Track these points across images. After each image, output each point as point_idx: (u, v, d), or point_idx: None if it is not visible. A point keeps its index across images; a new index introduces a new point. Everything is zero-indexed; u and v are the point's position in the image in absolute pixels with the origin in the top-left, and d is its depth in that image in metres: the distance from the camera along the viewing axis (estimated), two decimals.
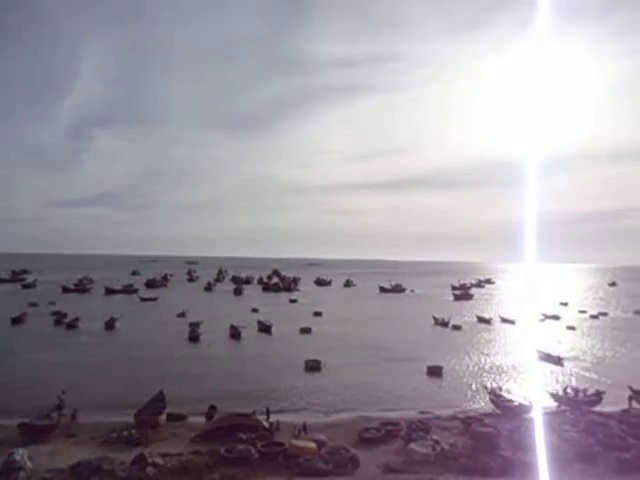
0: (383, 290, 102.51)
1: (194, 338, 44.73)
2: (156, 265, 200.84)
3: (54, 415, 21.44)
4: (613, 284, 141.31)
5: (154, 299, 77.43)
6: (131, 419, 21.33)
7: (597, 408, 24.88)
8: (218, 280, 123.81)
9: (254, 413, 21.43)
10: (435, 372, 33.00)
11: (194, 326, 48.15)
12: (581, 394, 26.45)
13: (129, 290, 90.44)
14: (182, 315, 57.91)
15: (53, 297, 73.44)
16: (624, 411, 23.83)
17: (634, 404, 24.98)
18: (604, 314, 68.11)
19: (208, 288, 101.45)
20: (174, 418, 22.79)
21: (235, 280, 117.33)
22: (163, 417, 22.57)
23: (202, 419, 22.37)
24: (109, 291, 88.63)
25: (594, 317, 65.35)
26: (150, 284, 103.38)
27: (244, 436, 19.28)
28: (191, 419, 22.88)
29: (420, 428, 20.42)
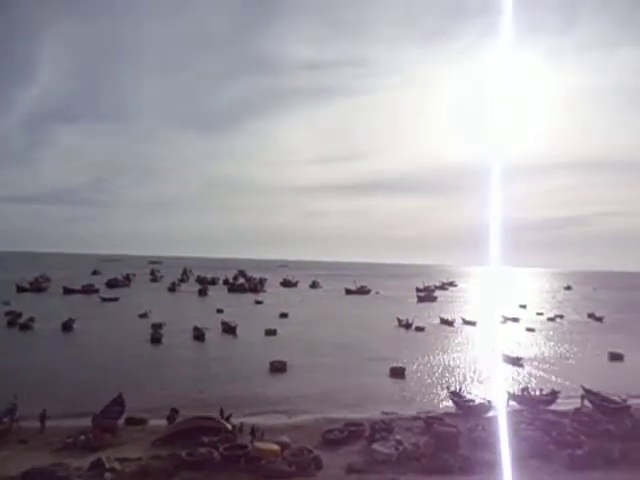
0: (349, 292, 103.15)
1: (156, 339, 43.71)
2: (118, 264, 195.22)
3: (5, 420, 20.52)
4: (568, 288, 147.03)
5: (115, 299, 75.29)
6: (88, 423, 20.65)
7: (552, 407, 25.83)
8: (182, 280, 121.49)
9: (228, 416, 21.19)
10: (398, 373, 33.44)
11: (156, 327, 47.08)
12: (537, 394, 27.42)
13: (89, 290, 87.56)
14: (144, 316, 56.53)
15: (7, 296, 70.18)
16: (577, 410, 24.79)
17: (586, 403, 26.03)
18: (560, 317, 70.75)
19: (172, 288, 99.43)
20: (134, 422, 22.21)
21: (200, 281, 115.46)
22: (122, 421, 21.97)
23: (163, 422, 21.88)
24: (68, 291, 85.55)
25: (551, 319, 67.79)
26: (112, 284, 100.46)
27: (206, 439, 18.97)
28: (152, 423, 22.35)
29: (383, 429, 20.62)
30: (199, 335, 45.81)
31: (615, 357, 41.38)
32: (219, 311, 62.68)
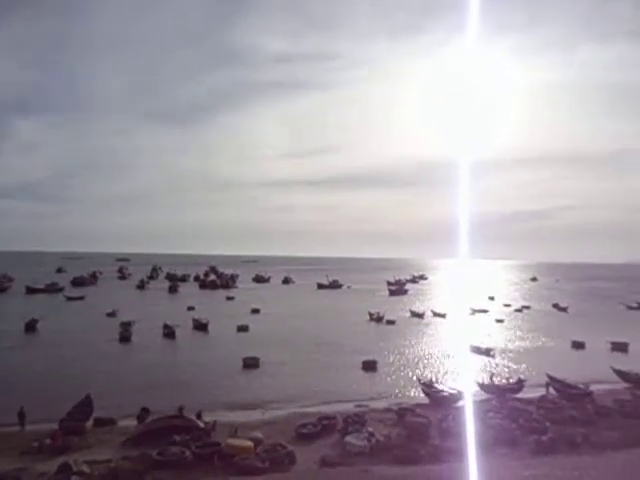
0: (321, 286, 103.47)
1: (125, 338, 42.80)
2: (83, 262, 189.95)
3: None
4: (534, 279, 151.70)
5: (81, 298, 73.27)
6: (55, 426, 20.06)
7: (519, 395, 26.62)
8: (152, 278, 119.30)
9: (198, 414, 20.95)
10: (370, 366, 33.78)
11: (125, 326, 46.08)
12: (505, 383, 28.21)
13: (53, 289, 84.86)
14: (112, 315, 55.25)
15: None
16: (542, 397, 25.61)
17: (551, 390, 26.94)
18: (527, 307, 72.88)
19: (141, 286, 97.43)
20: (102, 423, 21.69)
21: (170, 278, 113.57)
22: (90, 423, 21.43)
23: (133, 423, 21.47)
24: (30, 290, 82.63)
25: (518, 310, 69.74)
26: (77, 282, 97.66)
27: (178, 438, 18.72)
28: (121, 423, 21.90)
29: (356, 421, 20.82)
30: (169, 333, 45.09)
31: (577, 345, 42.96)
32: (190, 308, 61.84)
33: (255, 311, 61.27)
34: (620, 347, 41.23)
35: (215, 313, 56.87)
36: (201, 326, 48.88)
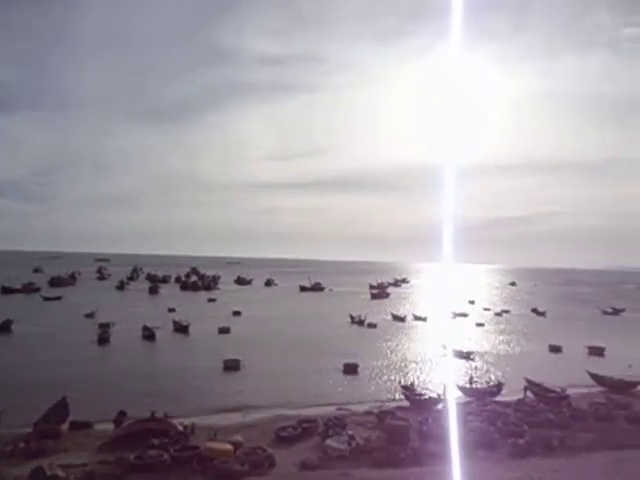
0: (303, 289, 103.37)
1: (103, 340, 42.07)
2: (61, 262, 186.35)
3: None
4: (513, 284, 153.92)
5: (58, 298, 71.87)
6: (29, 429, 19.60)
7: (498, 398, 26.96)
8: (132, 279, 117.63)
9: (165, 416, 20.61)
10: (351, 369, 33.83)
11: (104, 327, 45.33)
12: (484, 386, 28.54)
13: (30, 289, 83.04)
14: (91, 316, 54.31)
15: None
16: (520, 400, 25.96)
17: (528, 394, 27.33)
18: (506, 311, 73.79)
19: (120, 287, 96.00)
20: (78, 426, 21.25)
21: (150, 279, 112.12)
22: (66, 426, 20.99)
23: (110, 426, 21.12)
24: (6, 290, 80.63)
25: (498, 314, 70.62)
26: (55, 282, 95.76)
27: (156, 441, 18.47)
28: (98, 427, 21.47)
29: (336, 424, 20.81)
30: (149, 335, 44.50)
31: (555, 349, 43.71)
32: (170, 310, 61.08)
33: (236, 313, 60.87)
34: (597, 351, 42.10)
35: (196, 315, 56.34)
36: (182, 328, 48.36)
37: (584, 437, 20.13)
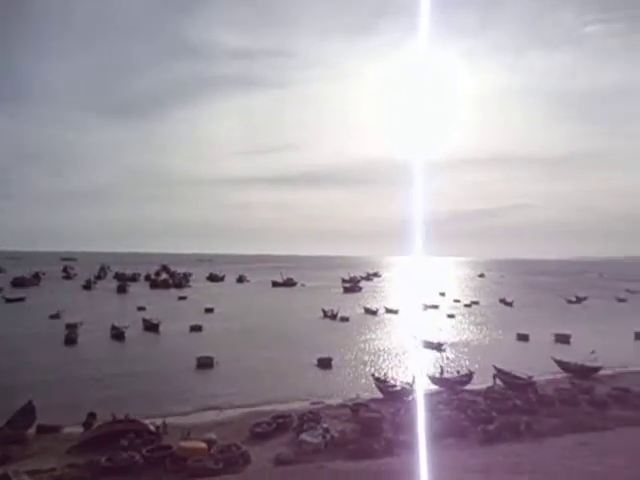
0: (275, 284, 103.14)
1: (70, 341, 40.96)
2: (24, 262, 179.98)
3: None
4: (482, 275, 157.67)
5: (21, 299, 69.48)
6: None
7: (468, 387, 27.63)
8: (99, 277, 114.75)
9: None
10: (325, 363, 34.00)
11: (71, 328, 44.11)
12: (454, 375, 29.18)
13: None
14: (56, 316, 52.72)
15: None
16: (489, 388, 26.68)
17: (497, 381, 28.11)
18: (476, 303, 75.54)
19: (87, 286, 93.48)
20: (46, 430, 20.65)
21: (119, 277, 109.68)
22: (33, 430, 20.37)
23: (80, 429, 20.60)
24: None
25: (467, 306, 72.22)
26: (18, 283, 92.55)
27: (127, 443, 18.14)
28: (66, 430, 20.92)
29: (311, 419, 20.92)
30: (118, 334, 43.55)
31: (522, 338, 45.06)
32: (140, 308, 59.97)
33: (209, 310, 60.25)
34: (563, 339, 43.64)
35: (167, 313, 55.47)
36: (152, 326, 47.53)
37: (550, 422, 20.90)
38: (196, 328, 47.24)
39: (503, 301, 77.03)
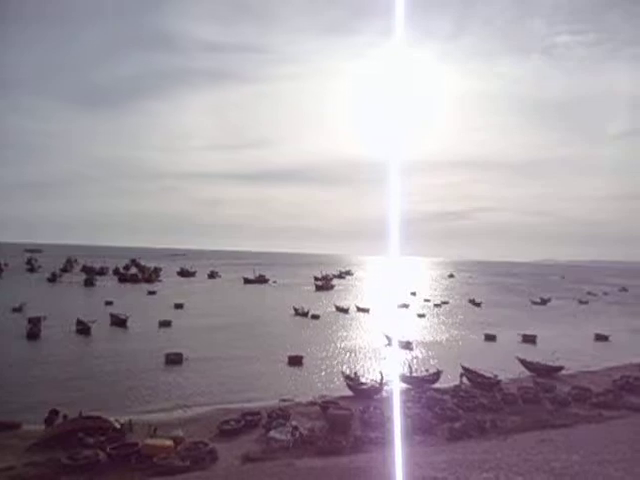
0: (247, 281, 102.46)
1: (33, 335, 39.66)
2: None
3: None
4: (451, 276, 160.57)
5: None
6: None
7: (436, 385, 28.09)
8: (65, 270, 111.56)
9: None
10: (296, 361, 33.99)
11: (34, 321, 42.65)
12: (423, 374, 29.63)
13: None
14: (19, 310, 50.94)
15: None
16: (456, 386, 27.22)
17: (464, 380, 28.69)
18: (446, 302, 76.88)
19: (52, 279, 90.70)
20: (5, 427, 19.91)
21: (86, 270, 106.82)
22: None
23: (41, 426, 19.94)
24: None
25: (438, 305, 73.41)
26: None
27: (91, 440, 17.72)
28: (27, 427, 20.22)
29: (280, 416, 20.90)
30: (83, 329, 42.40)
31: (489, 338, 46.12)
32: (108, 303, 58.54)
33: (179, 306, 59.35)
34: (529, 339, 44.88)
35: (135, 308, 54.38)
36: (120, 322, 46.49)
37: (514, 419, 21.51)
38: (165, 324, 46.49)
39: (472, 301, 78.63)
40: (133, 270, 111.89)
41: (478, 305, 76.01)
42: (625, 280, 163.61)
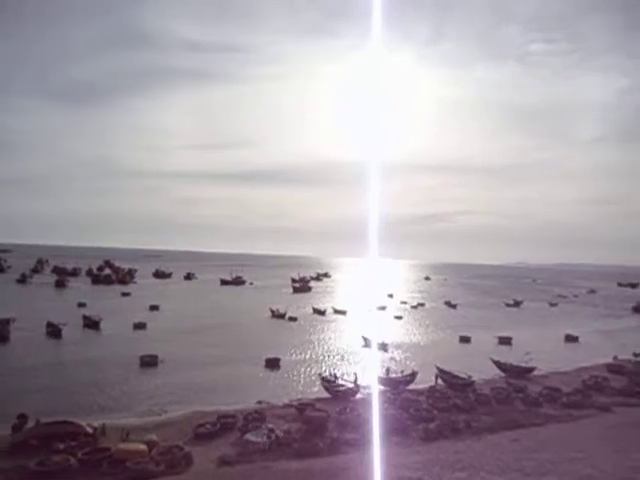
0: (224, 282, 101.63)
1: (2, 338, 38.52)
2: None
3: None
4: (427, 278, 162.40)
5: None
6: None
7: (412, 386, 28.38)
8: (36, 271, 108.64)
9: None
10: (273, 363, 33.85)
11: (2, 324, 41.36)
12: (399, 375, 29.90)
13: None
14: None
15: None
16: (431, 387, 27.56)
17: (439, 381, 29.07)
18: (422, 305, 77.71)
19: (22, 280, 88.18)
20: None
21: (58, 271, 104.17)
22: None
23: (8, 432, 19.35)
24: None
25: (414, 307, 74.18)
26: None
27: (62, 446, 17.28)
28: None
29: (256, 418, 20.80)
30: (54, 331, 41.35)
31: (464, 339, 46.84)
32: (80, 305, 57.26)
33: (154, 308, 58.46)
34: (505, 341, 45.78)
35: (109, 310, 53.33)
36: (92, 324, 45.51)
37: (486, 420, 21.90)
38: (140, 326, 45.73)
39: (448, 303, 79.73)
40: (107, 271, 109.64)
41: (454, 307, 77.11)
42: (594, 282, 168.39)
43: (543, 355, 38.51)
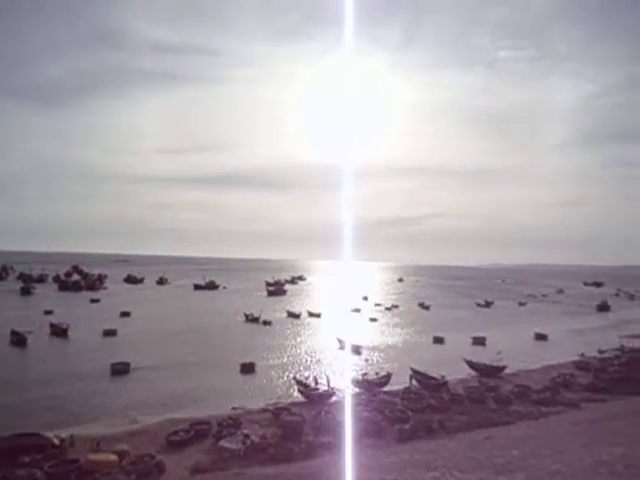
0: (197, 287, 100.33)
1: None
2: None
3: None
4: (400, 280, 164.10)
5: None
6: None
7: (386, 388, 28.57)
8: (0, 278, 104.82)
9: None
10: (248, 368, 33.56)
11: None
12: (374, 377, 30.07)
13: None
14: None
15: None
16: (406, 388, 27.80)
17: (414, 382, 29.35)
18: (396, 306, 78.39)
19: None
20: None
21: (23, 278, 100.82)
22: None
23: None
24: None
25: (388, 309, 74.77)
26: None
27: (27, 458, 16.69)
28: None
29: (231, 424, 20.58)
30: (19, 340, 39.94)
31: (438, 340, 47.45)
32: (47, 312, 55.58)
33: (125, 314, 57.15)
34: (479, 341, 46.58)
35: (78, 317, 51.92)
36: (60, 331, 44.18)
37: (460, 419, 22.23)
38: (110, 333, 44.66)
39: (421, 305, 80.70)
40: (75, 277, 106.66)
41: (427, 308, 78.08)
42: (562, 282, 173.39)
43: (514, 353, 39.38)
